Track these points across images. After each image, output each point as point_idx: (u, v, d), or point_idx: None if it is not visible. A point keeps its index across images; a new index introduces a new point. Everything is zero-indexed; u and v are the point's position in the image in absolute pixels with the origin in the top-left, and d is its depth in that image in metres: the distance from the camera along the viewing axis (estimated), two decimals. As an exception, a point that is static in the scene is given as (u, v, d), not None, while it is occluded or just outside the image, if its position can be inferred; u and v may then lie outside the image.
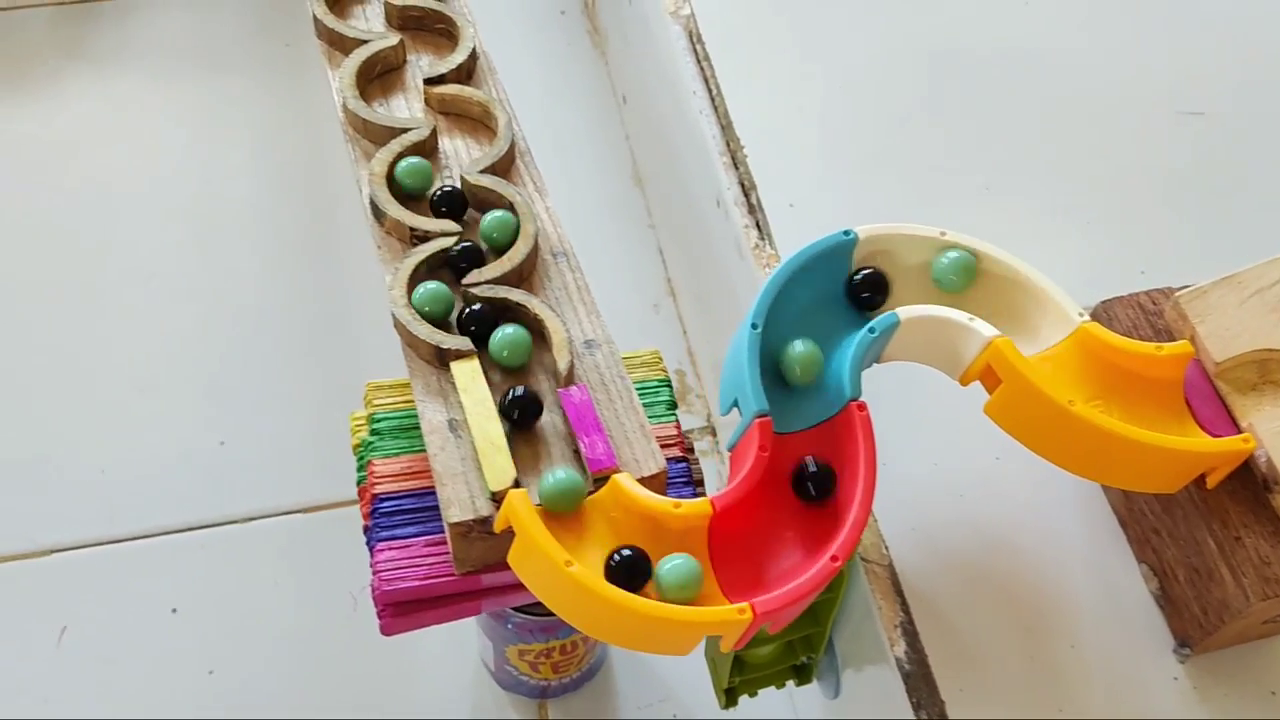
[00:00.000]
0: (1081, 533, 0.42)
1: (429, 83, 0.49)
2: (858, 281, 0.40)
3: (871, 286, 0.39)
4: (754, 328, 0.38)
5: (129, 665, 0.56)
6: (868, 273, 0.39)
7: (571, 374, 0.40)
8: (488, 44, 0.51)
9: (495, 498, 0.37)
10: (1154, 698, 0.39)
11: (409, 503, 0.40)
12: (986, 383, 0.38)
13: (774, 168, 0.50)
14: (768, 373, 0.38)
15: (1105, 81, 0.54)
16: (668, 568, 0.34)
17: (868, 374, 0.38)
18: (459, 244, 0.43)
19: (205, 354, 0.67)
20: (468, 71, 0.50)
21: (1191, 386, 0.39)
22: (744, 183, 0.50)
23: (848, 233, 0.40)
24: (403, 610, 0.39)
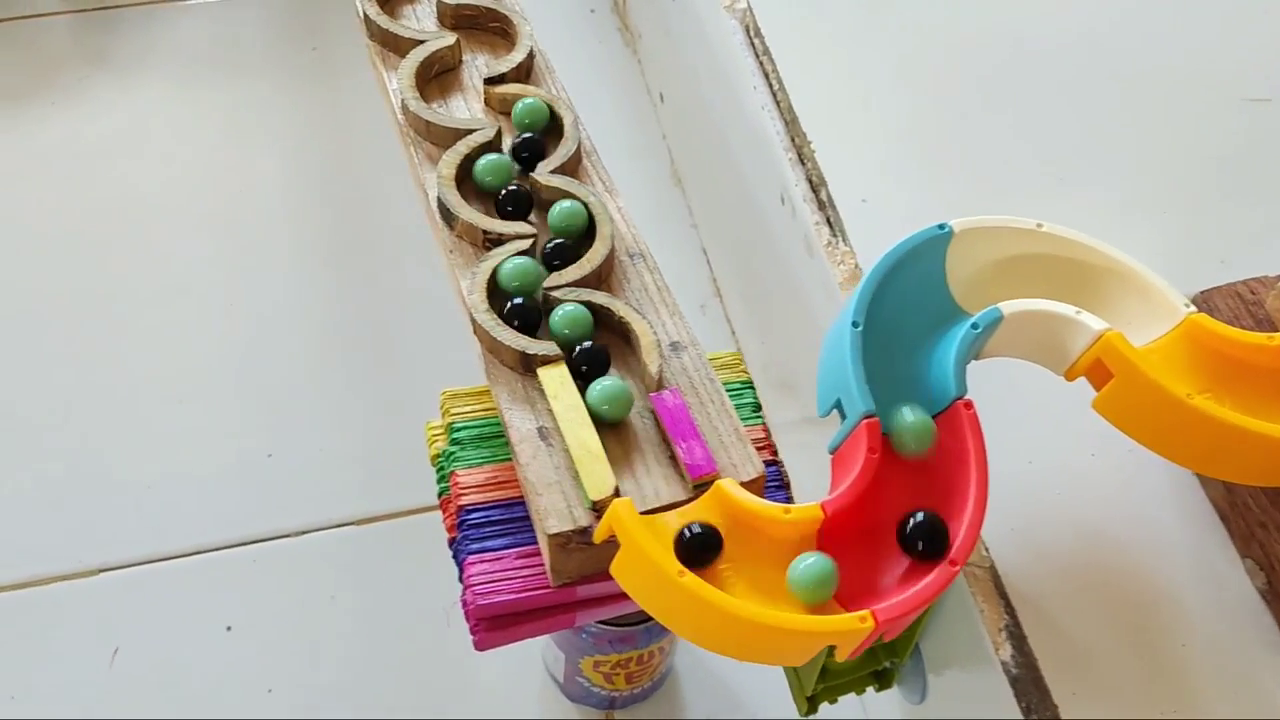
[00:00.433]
0: (1181, 528, 0.41)
1: (489, 82, 0.48)
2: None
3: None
4: (855, 326, 0.37)
5: (185, 686, 0.55)
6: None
7: (661, 377, 0.39)
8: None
9: (595, 507, 0.36)
10: (1270, 696, 0.38)
11: (497, 514, 0.39)
12: (1093, 377, 0.37)
13: (842, 162, 0.49)
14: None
15: (1168, 69, 0.53)
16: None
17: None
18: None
19: (245, 365, 0.65)
20: (527, 70, 0.49)
21: (1300, 376, 0.38)
22: (812, 179, 0.49)
23: (943, 226, 0.39)
24: (497, 624, 0.38)
